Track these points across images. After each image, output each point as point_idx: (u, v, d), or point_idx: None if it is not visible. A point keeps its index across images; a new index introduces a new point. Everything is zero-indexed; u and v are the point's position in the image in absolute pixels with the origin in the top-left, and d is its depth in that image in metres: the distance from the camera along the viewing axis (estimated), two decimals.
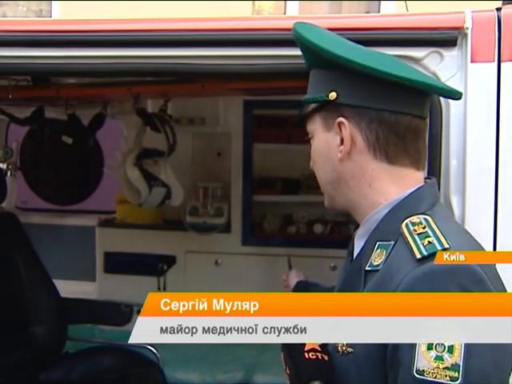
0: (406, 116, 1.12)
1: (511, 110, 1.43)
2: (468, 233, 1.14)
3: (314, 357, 1.07)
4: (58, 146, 3.29)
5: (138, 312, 3.27)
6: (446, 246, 1.01)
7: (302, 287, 1.76)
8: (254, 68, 1.60)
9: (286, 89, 2.52)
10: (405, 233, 1.06)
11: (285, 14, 5.18)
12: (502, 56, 1.45)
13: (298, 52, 1.55)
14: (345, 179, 1.16)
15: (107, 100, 2.95)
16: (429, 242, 1.02)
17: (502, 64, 1.45)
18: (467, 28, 1.46)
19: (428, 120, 1.20)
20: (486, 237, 1.38)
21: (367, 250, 1.13)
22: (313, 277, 3.31)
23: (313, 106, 1.17)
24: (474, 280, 0.98)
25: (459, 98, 1.20)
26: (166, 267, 3.60)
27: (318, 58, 1.14)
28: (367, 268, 1.10)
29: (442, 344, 0.94)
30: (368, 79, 1.09)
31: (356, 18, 1.66)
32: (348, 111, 1.13)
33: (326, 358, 1.07)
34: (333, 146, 1.15)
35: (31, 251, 2.76)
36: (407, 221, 1.08)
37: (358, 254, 1.16)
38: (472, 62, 1.45)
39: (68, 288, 2.84)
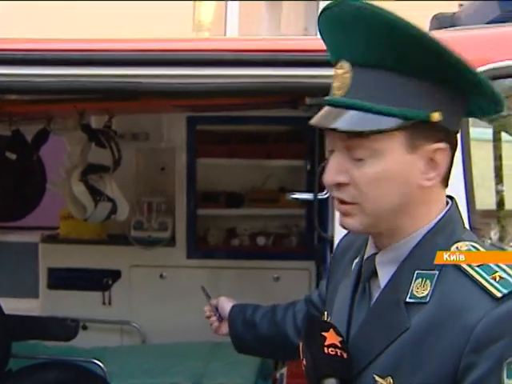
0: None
1: None
2: None
3: (334, 353, 1.03)
4: None
5: (84, 327, 3.27)
6: None
7: (239, 311, 1.63)
8: (200, 87, 1.69)
9: (229, 105, 2.62)
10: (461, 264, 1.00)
11: (225, 14, 5.22)
12: None
13: (238, 72, 1.66)
14: (409, 205, 1.03)
15: (51, 116, 2.97)
16: (500, 277, 0.97)
17: None
18: None
19: None
20: None
21: (402, 279, 1.04)
22: (257, 288, 3.40)
23: (394, 121, 0.98)
24: None
25: None
26: (110, 282, 3.61)
27: (435, 68, 0.97)
28: (408, 300, 1.01)
29: None
30: (467, 101, 1.01)
31: (302, 40, 1.77)
32: (444, 135, 1.01)
33: (344, 355, 1.04)
34: (414, 170, 1.00)
35: None
36: (454, 249, 1.02)
37: (389, 282, 1.06)
38: None
39: (9, 305, 2.80)
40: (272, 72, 1.65)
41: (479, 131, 2.56)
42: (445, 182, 1.06)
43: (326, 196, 2.06)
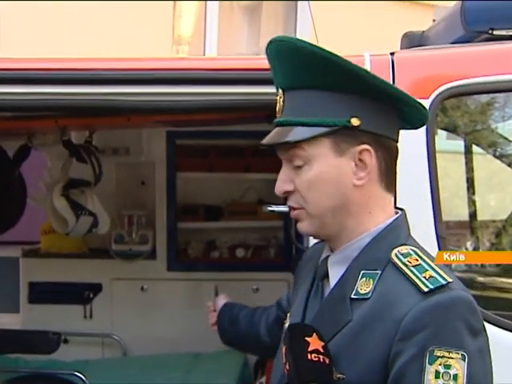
0: (396, 142, 1.17)
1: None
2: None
3: (316, 359, 1.08)
4: None
5: (65, 341, 3.29)
6: (450, 280, 1.07)
7: (228, 308, 1.82)
8: (184, 104, 1.77)
9: (207, 121, 2.69)
10: (398, 264, 1.10)
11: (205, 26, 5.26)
12: None
13: (215, 89, 1.74)
14: (349, 205, 1.14)
15: (32, 132, 3.01)
16: (430, 276, 1.07)
17: None
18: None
19: None
20: None
21: (350, 277, 1.14)
22: (236, 299, 3.45)
23: (319, 129, 1.11)
24: (471, 311, 1.07)
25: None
26: (92, 295, 3.63)
27: (342, 81, 1.09)
28: (353, 296, 1.11)
29: (448, 373, 1.01)
30: (385, 106, 1.11)
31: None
32: (367, 138, 1.11)
33: (327, 361, 1.08)
34: (346, 172, 1.12)
35: None
36: (395, 251, 1.12)
37: (338, 281, 1.16)
38: None
39: None
40: (250, 90, 1.73)
41: (454, 143, 2.66)
42: (386, 185, 1.15)
43: None
